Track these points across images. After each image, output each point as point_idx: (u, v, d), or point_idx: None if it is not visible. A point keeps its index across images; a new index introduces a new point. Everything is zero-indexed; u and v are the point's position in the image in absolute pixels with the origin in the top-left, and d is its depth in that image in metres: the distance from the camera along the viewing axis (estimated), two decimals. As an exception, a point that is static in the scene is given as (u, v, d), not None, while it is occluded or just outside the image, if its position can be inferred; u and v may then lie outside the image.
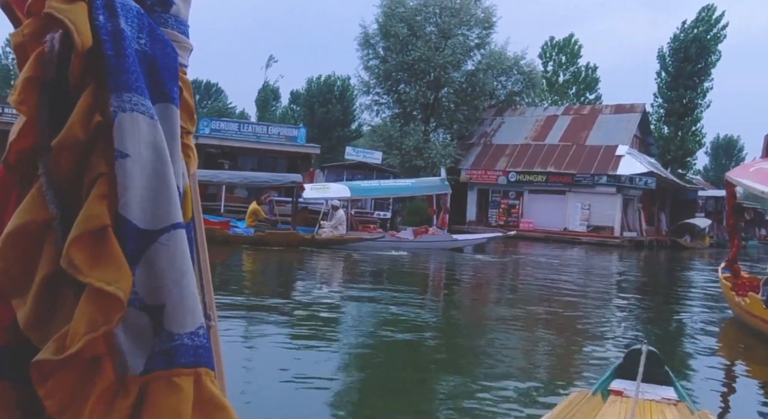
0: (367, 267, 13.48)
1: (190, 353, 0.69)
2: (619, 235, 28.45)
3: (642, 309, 9.65)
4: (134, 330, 0.68)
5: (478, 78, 33.75)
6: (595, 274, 14.86)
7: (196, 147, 0.87)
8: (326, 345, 5.87)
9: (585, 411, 2.87)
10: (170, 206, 0.70)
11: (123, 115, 0.67)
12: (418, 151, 31.89)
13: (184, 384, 0.68)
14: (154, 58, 0.74)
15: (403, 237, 17.65)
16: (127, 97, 0.67)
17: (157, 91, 0.73)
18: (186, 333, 0.69)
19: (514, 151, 32.06)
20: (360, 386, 4.70)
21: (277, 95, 57.00)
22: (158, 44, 0.74)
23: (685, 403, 3.09)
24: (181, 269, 0.70)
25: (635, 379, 3.04)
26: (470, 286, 11.65)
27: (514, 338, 6.58)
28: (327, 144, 42.40)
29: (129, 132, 0.67)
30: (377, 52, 34.59)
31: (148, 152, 0.68)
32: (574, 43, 42.78)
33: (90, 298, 0.64)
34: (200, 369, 0.70)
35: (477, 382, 4.77)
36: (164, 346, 0.68)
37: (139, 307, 0.68)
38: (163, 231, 0.69)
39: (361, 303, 8.34)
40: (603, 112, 33.12)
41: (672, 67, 35.84)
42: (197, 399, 0.69)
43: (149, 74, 0.72)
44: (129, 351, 0.67)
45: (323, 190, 17.73)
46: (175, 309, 0.69)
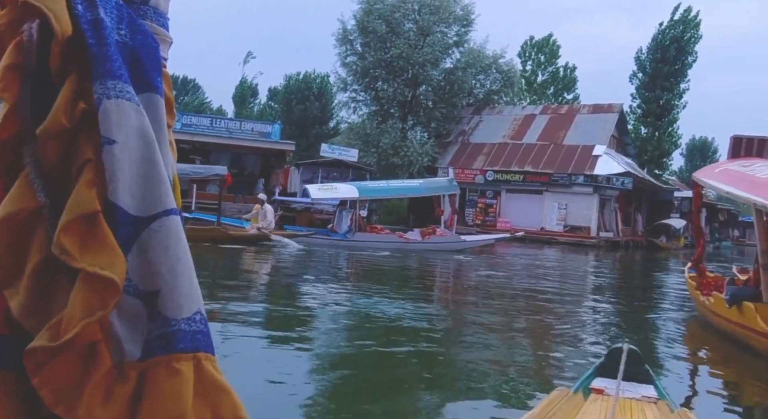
0: (323, 264, 13.20)
1: (188, 338, 0.69)
2: (595, 235, 28.55)
3: (615, 309, 9.63)
4: (129, 316, 0.68)
5: (456, 76, 33.69)
6: (571, 275, 14.81)
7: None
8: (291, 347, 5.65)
9: (566, 409, 2.88)
10: (160, 192, 0.70)
11: (108, 101, 0.67)
12: (395, 149, 31.71)
13: (184, 368, 0.68)
14: (135, 49, 0.73)
15: (410, 238, 17.42)
16: (112, 84, 0.68)
17: (141, 81, 0.73)
18: (183, 319, 0.69)
19: (492, 150, 32.04)
20: (332, 390, 4.50)
21: (255, 92, 56.56)
22: (139, 35, 0.74)
23: (665, 401, 3.11)
24: (175, 255, 0.70)
25: (616, 378, 3.07)
26: (446, 286, 11.53)
27: (492, 338, 6.44)
28: (305, 141, 42.06)
29: (115, 118, 0.67)
30: (355, 48, 34.34)
31: (136, 138, 0.69)
32: (552, 43, 43.03)
33: (84, 283, 0.64)
34: (199, 353, 0.70)
35: (456, 382, 4.68)
36: (161, 332, 0.68)
37: (134, 294, 0.68)
38: (156, 217, 0.69)
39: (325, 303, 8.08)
40: (581, 111, 33.26)
41: (649, 68, 36.10)
42: (198, 383, 0.68)
43: (131, 65, 0.72)
44: (125, 337, 0.67)
45: (331, 191, 17.51)
46: (170, 295, 0.69)
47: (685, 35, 35.19)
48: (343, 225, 16.92)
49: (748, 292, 6.75)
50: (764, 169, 7.21)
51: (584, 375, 3.45)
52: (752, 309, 6.37)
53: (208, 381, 0.69)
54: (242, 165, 26.25)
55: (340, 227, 16.97)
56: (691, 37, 35.29)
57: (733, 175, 7.51)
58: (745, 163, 7.76)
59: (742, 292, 6.79)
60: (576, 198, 28.94)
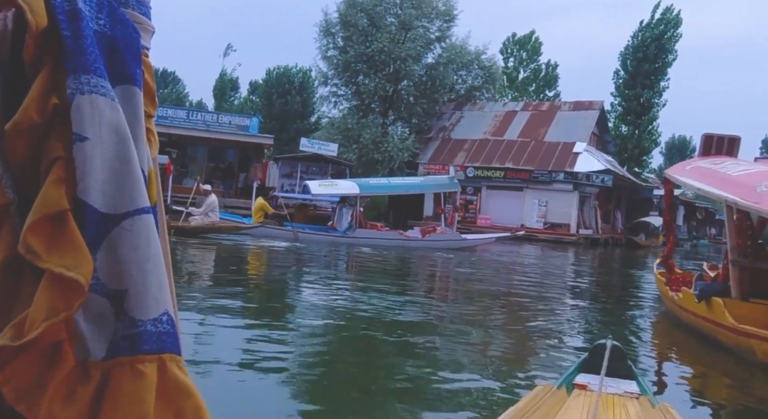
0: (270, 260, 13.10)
1: (153, 339, 0.68)
2: (575, 233, 28.74)
3: (589, 306, 9.66)
4: (95, 315, 0.66)
5: (438, 71, 33.69)
6: (550, 272, 14.84)
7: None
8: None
9: (550, 404, 2.91)
10: (134, 190, 0.69)
11: (81, 97, 0.66)
12: (376, 144, 31.60)
13: (148, 370, 0.67)
14: (115, 39, 0.72)
15: (411, 236, 17.34)
16: (86, 79, 0.66)
17: (119, 73, 0.71)
18: (149, 320, 0.68)
19: (473, 146, 32.09)
20: (307, 385, 4.45)
21: (235, 85, 56.10)
22: (119, 25, 0.72)
23: (647, 397, 3.16)
24: (145, 254, 0.69)
25: (599, 373, 3.13)
26: (427, 283, 11.45)
27: (473, 334, 6.43)
28: (286, 136, 41.81)
29: (88, 114, 0.66)
30: (336, 42, 34.16)
31: (110, 135, 0.67)
32: (535, 40, 43.27)
33: (49, 284, 0.63)
34: (165, 355, 0.69)
35: (439, 377, 4.65)
36: (127, 332, 0.67)
37: (101, 293, 0.67)
38: (127, 215, 0.68)
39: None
40: (562, 108, 33.47)
41: (631, 66, 36.42)
42: (162, 385, 0.68)
43: (110, 56, 0.71)
44: (90, 336, 0.66)
45: (332, 187, 17.38)
46: (138, 296, 0.68)
47: (666, 34, 35.53)
48: (344, 222, 16.82)
49: (717, 288, 6.81)
50: (735, 167, 7.29)
51: (568, 371, 3.49)
52: (721, 305, 6.43)
53: (171, 383, 0.69)
54: (220, 158, 26.01)
55: (340, 224, 16.87)
56: (671, 36, 35.63)
57: (704, 173, 7.58)
58: (716, 161, 7.83)
59: (711, 288, 6.85)
60: (556, 195, 29.12)
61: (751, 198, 6.07)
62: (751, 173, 6.83)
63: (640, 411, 2.92)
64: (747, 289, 6.62)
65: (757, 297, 6.62)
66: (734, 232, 6.68)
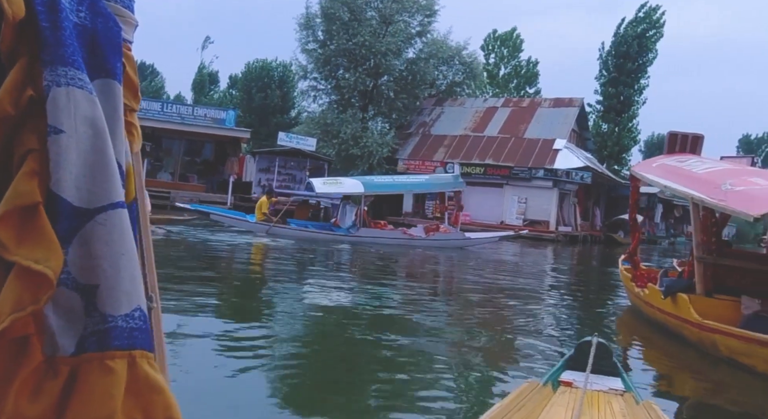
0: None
1: (124, 335, 0.68)
2: (554, 230, 28.92)
3: (562, 303, 9.77)
4: (65, 310, 0.66)
5: (418, 66, 33.63)
6: (528, 269, 14.93)
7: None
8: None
9: (535, 401, 2.95)
10: (108, 184, 0.68)
11: (57, 89, 0.65)
12: (355, 139, 31.49)
13: (117, 366, 0.67)
14: (95, 33, 0.71)
15: (414, 234, 17.30)
16: (63, 71, 0.66)
17: (98, 67, 0.71)
18: (120, 316, 0.68)
19: (453, 142, 32.13)
20: (291, 384, 4.45)
21: (215, 79, 55.58)
22: (99, 17, 0.72)
23: (631, 393, 3.22)
24: (118, 250, 0.68)
25: (585, 371, 3.19)
26: (406, 280, 11.44)
27: (454, 331, 6.49)
28: (265, 130, 41.54)
29: (64, 107, 0.66)
30: (316, 35, 33.97)
31: (85, 128, 0.67)
32: (516, 37, 43.40)
33: (17, 277, 0.62)
34: (135, 351, 0.69)
35: (424, 374, 4.70)
36: (97, 328, 0.67)
37: (71, 287, 0.66)
38: (101, 210, 0.67)
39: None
40: (542, 105, 33.60)
41: (612, 64, 36.74)
42: (132, 382, 0.67)
43: (90, 49, 0.70)
44: (59, 331, 0.65)
45: (336, 185, 17.27)
46: (109, 291, 0.68)
47: (647, 32, 35.89)
48: (347, 220, 16.73)
49: (683, 284, 6.92)
50: (700, 165, 7.42)
51: (554, 368, 3.53)
52: (686, 301, 6.54)
53: (141, 379, 0.68)
54: (196, 152, 25.78)
55: (344, 222, 16.79)
56: (653, 35, 36.01)
57: (670, 170, 7.70)
58: (681, 159, 7.97)
59: (677, 284, 6.97)
60: (536, 192, 29.28)
61: (717, 196, 6.18)
62: (716, 171, 6.96)
63: (624, 408, 2.96)
64: (711, 285, 6.74)
65: (721, 293, 6.74)
66: (699, 229, 6.79)
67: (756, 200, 5.64)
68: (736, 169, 7.42)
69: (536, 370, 5.05)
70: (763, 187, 6.04)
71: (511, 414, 2.71)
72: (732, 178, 6.52)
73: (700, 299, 6.64)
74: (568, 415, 2.79)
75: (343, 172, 32.33)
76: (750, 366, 5.57)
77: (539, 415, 2.83)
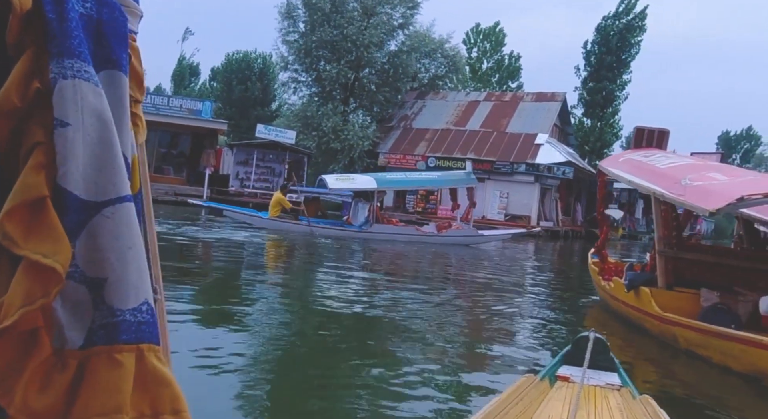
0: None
1: (132, 329, 0.69)
2: (535, 225, 29.12)
3: (538, 298, 9.86)
4: (73, 303, 0.66)
5: (401, 59, 33.70)
6: (507, 265, 15.00)
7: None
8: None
9: (532, 396, 2.98)
10: (116, 177, 0.68)
11: (64, 81, 0.65)
12: (335, 132, 31.47)
13: (126, 360, 0.68)
14: (101, 23, 0.71)
15: (427, 231, 17.37)
16: (69, 64, 0.66)
17: (104, 58, 0.71)
18: (128, 309, 0.69)
19: (435, 136, 32.24)
20: (287, 375, 4.54)
21: (195, 71, 55.12)
22: (105, 8, 0.72)
23: (628, 389, 3.26)
24: (125, 243, 0.69)
25: (582, 366, 3.22)
26: (390, 276, 11.43)
27: (433, 327, 6.53)
28: (246, 123, 41.28)
29: (70, 99, 0.65)
30: (297, 26, 33.85)
31: (92, 121, 0.67)
32: (499, 31, 43.49)
33: (26, 271, 0.63)
34: (143, 345, 0.70)
35: (421, 370, 4.76)
36: (105, 321, 0.67)
37: (79, 280, 0.67)
38: (108, 203, 0.68)
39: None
40: (524, 99, 33.81)
41: (594, 58, 37.00)
42: (139, 375, 0.68)
43: (96, 40, 0.70)
44: (67, 324, 0.66)
45: (348, 181, 17.29)
46: (117, 284, 0.68)
47: (630, 26, 36.19)
48: (359, 217, 16.79)
49: (645, 278, 7.08)
50: (663, 160, 7.57)
51: (551, 362, 3.57)
52: (647, 294, 6.70)
53: (149, 373, 0.69)
54: (172, 144, 25.61)
55: (356, 219, 16.86)
56: (635, 29, 36.31)
57: (635, 165, 7.86)
58: (647, 154, 8.12)
59: (639, 278, 7.12)
60: (517, 187, 29.46)
61: (676, 190, 6.32)
62: (678, 166, 7.11)
63: (621, 403, 2.99)
64: (673, 279, 6.90)
65: (683, 286, 6.90)
66: (661, 224, 6.95)
67: (713, 195, 5.78)
68: (697, 164, 7.58)
69: (499, 367, 5.17)
70: (721, 182, 6.19)
71: (508, 409, 2.73)
72: (692, 172, 6.67)
73: (662, 292, 6.80)
74: (565, 410, 2.82)
75: (323, 166, 32.32)
76: (706, 357, 5.74)
77: (536, 410, 2.85)
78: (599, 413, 2.84)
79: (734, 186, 5.91)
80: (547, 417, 2.77)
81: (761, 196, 5.48)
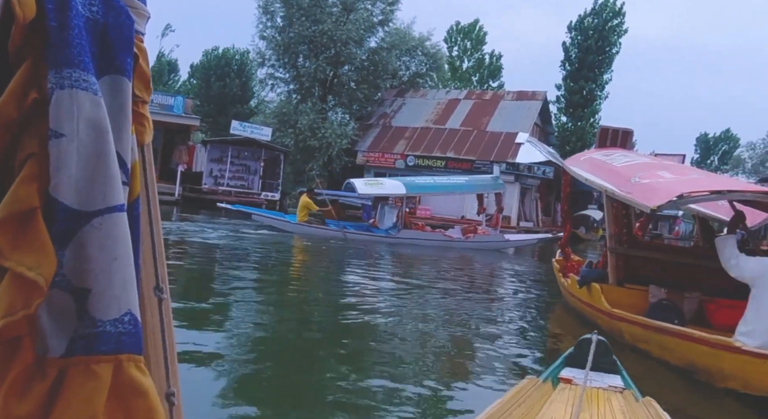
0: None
1: (112, 340, 0.70)
2: (515, 225, 29.34)
3: (508, 297, 9.97)
4: (58, 311, 0.67)
5: (380, 56, 33.82)
6: (485, 268, 15.05)
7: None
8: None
9: (535, 398, 3.02)
10: (107, 188, 0.69)
11: (60, 92, 0.66)
12: (313, 130, 31.52)
13: (102, 371, 0.68)
14: (106, 27, 0.72)
15: (453, 236, 17.46)
16: (68, 73, 0.66)
17: (108, 62, 0.72)
18: (109, 320, 0.70)
19: (414, 134, 32.37)
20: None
21: (175, 67, 54.94)
22: (112, 11, 0.73)
23: (631, 391, 3.30)
24: (111, 255, 0.69)
25: (584, 368, 3.27)
26: (368, 280, 11.47)
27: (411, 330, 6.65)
28: (224, 120, 41.22)
29: (66, 110, 0.66)
30: (275, 21, 33.82)
31: (88, 131, 0.67)
32: (479, 29, 43.82)
33: (10, 282, 0.64)
34: (122, 355, 0.71)
35: (423, 371, 4.90)
36: (86, 331, 0.69)
37: (65, 289, 0.67)
38: (98, 213, 0.68)
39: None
40: (505, 98, 34.02)
41: (575, 57, 37.43)
42: (116, 386, 0.69)
43: (100, 44, 0.71)
44: (50, 332, 0.67)
45: (377, 186, 17.39)
46: (100, 296, 0.69)
47: (607, 25, 36.66)
48: (386, 221, 16.86)
49: (597, 274, 7.32)
50: (621, 159, 7.81)
51: (553, 364, 3.63)
52: (598, 290, 6.93)
53: (126, 384, 0.71)
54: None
55: (382, 223, 16.91)
56: (614, 27, 36.78)
57: (594, 163, 8.10)
58: (608, 153, 8.37)
59: (591, 274, 7.36)
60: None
61: (625, 188, 6.55)
62: (632, 165, 7.36)
63: (624, 405, 3.03)
64: (623, 275, 7.13)
65: (636, 282, 7.14)
66: (612, 221, 7.18)
67: (657, 192, 6.01)
68: (650, 163, 7.83)
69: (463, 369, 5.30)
70: (667, 180, 6.43)
71: (510, 411, 2.77)
72: (643, 171, 6.92)
73: (612, 288, 7.03)
74: (568, 412, 2.84)
75: (301, 164, 32.38)
76: (647, 351, 5.97)
77: (539, 412, 2.88)
78: (602, 415, 2.87)
79: (677, 184, 6.15)
80: (550, 418, 2.81)
81: (699, 194, 5.72)
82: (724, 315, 6.29)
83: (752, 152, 67.11)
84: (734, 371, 4.89)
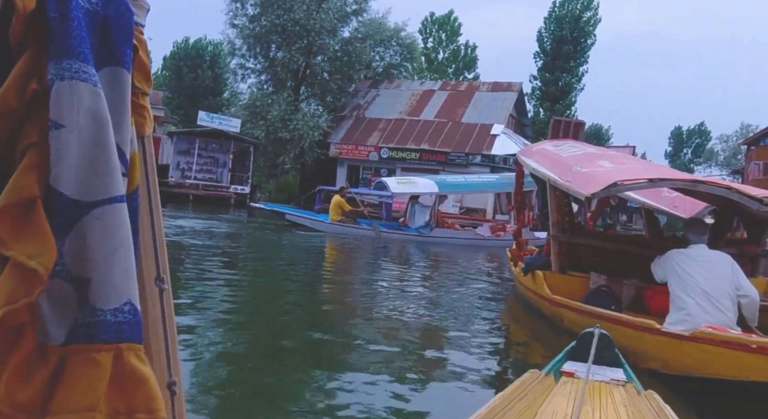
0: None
1: (112, 329, 0.72)
2: (491, 218, 29.60)
3: (469, 290, 10.02)
4: (59, 300, 0.69)
5: (354, 46, 33.82)
6: (457, 261, 15.17)
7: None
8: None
9: (537, 391, 3.06)
10: (108, 178, 0.71)
11: (60, 83, 0.67)
12: (284, 122, 31.44)
13: (103, 359, 0.70)
14: (106, 19, 0.73)
15: (484, 235, 17.67)
16: (68, 64, 0.67)
17: (108, 54, 0.73)
18: (110, 310, 0.72)
19: (388, 126, 32.47)
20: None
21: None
22: (112, 3, 0.74)
23: (633, 384, 3.35)
24: (111, 245, 0.71)
25: (587, 361, 3.34)
26: (344, 275, 11.40)
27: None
28: (196, 113, 40.86)
29: (66, 101, 0.67)
30: (245, 8, 33.60)
31: (88, 122, 0.69)
32: (453, 20, 44.02)
33: (12, 270, 0.65)
34: (122, 344, 0.73)
35: (424, 364, 5.02)
36: (86, 320, 0.70)
37: (66, 279, 0.69)
38: (98, 204, 0.70)
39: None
40: (480, 89, 34.21)
41: (550, 48, 37.81)
42: (116, 374, 0.71)
43: (100, 36, 0.72)
44: (51, 321, 0.69)
45: (410, 185, 17.51)
46: (101, 285, 0.71)
47: (582, 16, 37.10)
48: (417, 220, 16.99)
49: (540, 261, 7.57)
50: (570, 150, 8.07)
51: (556, 358, 3.68)
52: (541, 277, 7.18)
53: (126, 372, 0.72)
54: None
55: (413, 221, 17.04)
56: (589, 19, 37.23)
57: (545, 154, 8.36)
58: (558, 144, 8.64)
59: (535, 262, 7.61)
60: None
61: (566, 177, 6.81)
62: (577, 155, 7.62)
63: (626, 398, 3.09)
64: (566, 262, 7.39)
65: (577, 270, 7.40)
66: (554, 209, 7.43)
67: (593, 181, 6.26)
68: (594, 153, 8.09)
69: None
70: (605, 169, 6.68)
71: (513, 404, 2.80)
72: (585, 160, 7.18)
73: (555, 276, 7.29)
74: (570, 405, 2.87)
75: (272, 156, 32.34)
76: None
77: (541, 405, 2.91)
78: (604, 408, 2.90)
79: (614, 172, 6.40)
80: (552, 412, 2.84)
81: (632, 182, 5.99)
82: (660, 301, 6.56)
83: (725, 145, 68.39)
84: (655, 352, 5.16)
